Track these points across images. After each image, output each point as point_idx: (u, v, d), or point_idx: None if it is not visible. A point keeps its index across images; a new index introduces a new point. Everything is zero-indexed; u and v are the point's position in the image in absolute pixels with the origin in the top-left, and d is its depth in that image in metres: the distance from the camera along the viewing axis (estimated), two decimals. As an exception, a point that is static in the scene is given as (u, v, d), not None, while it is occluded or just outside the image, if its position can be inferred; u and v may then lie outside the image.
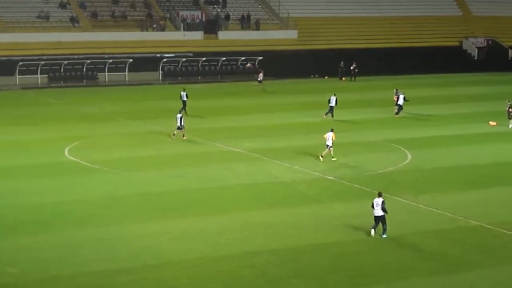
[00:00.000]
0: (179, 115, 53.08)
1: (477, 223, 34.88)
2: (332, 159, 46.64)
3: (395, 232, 33.42)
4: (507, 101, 59.92)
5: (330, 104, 61.64)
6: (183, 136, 52.66)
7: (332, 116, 61.21)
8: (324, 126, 57.92)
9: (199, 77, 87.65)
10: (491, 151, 50.73)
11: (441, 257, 30.60)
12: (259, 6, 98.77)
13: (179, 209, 36.78)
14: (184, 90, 64.07)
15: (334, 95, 62.25)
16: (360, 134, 55.74)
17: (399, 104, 62.86)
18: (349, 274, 28.88)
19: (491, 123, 59.32)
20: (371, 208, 33.13)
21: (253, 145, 51.14)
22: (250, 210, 36.59)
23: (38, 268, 28.95)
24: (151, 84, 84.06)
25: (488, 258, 30.54)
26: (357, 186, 41.15)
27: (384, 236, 32.84)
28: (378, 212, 32.91)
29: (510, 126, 58.12)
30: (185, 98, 63.27)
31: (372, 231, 33.04)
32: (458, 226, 34.58)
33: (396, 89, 66.80)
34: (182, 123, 52.54)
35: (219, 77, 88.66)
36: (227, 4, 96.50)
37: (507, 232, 33.58)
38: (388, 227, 33.13)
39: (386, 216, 32.77)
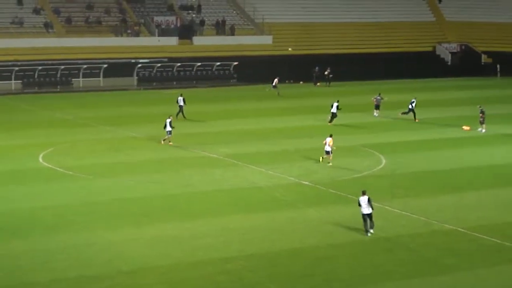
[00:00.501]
0: (168, 120, 52.74)
1: (452, 227, 35.03)
2: (329, 164, 46.94)
3: (370, 236, 33.50)
4: (478, 106, 60.29)
5: (332, 110, 61.85)
6: (170, 141, 52.43)
7: (330, 121, 61.44)
8: (298, 131, 58.13)
9: (174, 83, 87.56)
10: (464, 155, 51.00)
11: (416, 261, 30.70)
12: (234, 12, 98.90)
13: (154, 215, 36.65)
14: (181, 95, 64.57)
15: (337, 101, 62.88)
16: (335, 139, 55.68)
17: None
18: (325, 278, 28.91)
19: (465, 127, 59.67)
20: (358, 207, 33.88)
21: (229, 150, 51.12)
22: (226, 216, 36.54)
23: (12, 275, 28.72)
24: (126, 89, 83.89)
25: (462, 261, 30.67)
26: (332, 191, 41.23)
27: (372, 231, 33.54)
28: (367, 210, 33.59)
29: (481, 130, 58.45)
30: (181, 103, 63.74)
31: (368, 232, 33.56)
32: (432, 230, 34.71)
33: (379, 93, 67.71)
34: (171, 128, 52.21)
35: (194, 82, 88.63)
36: (202, 10, 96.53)
37: (481, 236, 33.74)
38: (363, 231, 33.53)
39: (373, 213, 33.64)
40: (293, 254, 31.25)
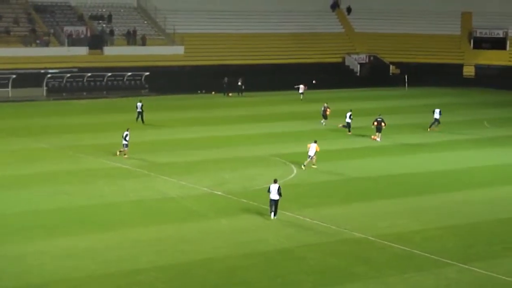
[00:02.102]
0: (125, 132, 52.16)
1: (361, 235, 35.60)
2: (313, 166, 49.20)
3: (281, 245, 33.85)
4: (379, 114, 61.29)
5: (346, 120, 63.17)
6: (125, 154, 51.96)
7: (349, 131, 63.07)
8: (209, 141, 58.21)
9: (84, 93, 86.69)
10: (374, 164, 51.84)
11: (326, 270, 31.10)
12: (145, 22, 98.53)
13: (65, 227, 36.25)
14: (140, 101, 66.89)
15: (350, 110, 64.29)
16: (247, 149, 56.14)
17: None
18: (237, 288, 29.10)
19: (373, 137, 60.62)
20: (267, 193, 37.81)
21: (139, 161, 50.90)
22: (137, 227, 36.38)
23: None
24: (35, 100, 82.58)
25: (372, 270, 31.18)
26: (244, 200, 41.45)
27: (275, 217, 37.40)
28: (275, 196, 37.39)
29: (377, 139, 59.49)
30: (139, 109, 65.95)
31: (272, 215, 37.56)
32: (342, 239, 35.21)
33: (325, 103, 69.09)
34: (127, 141, 51.70)
35: (104, 92, 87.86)
36: (113, 20, 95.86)
37: (390, 244, 34.37)
38: (274, 241, 34.06)
39: (280, 200, 37.41)
40: (206, 264, 31.32)
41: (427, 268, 31.44)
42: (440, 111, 64.53)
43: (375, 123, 60.10)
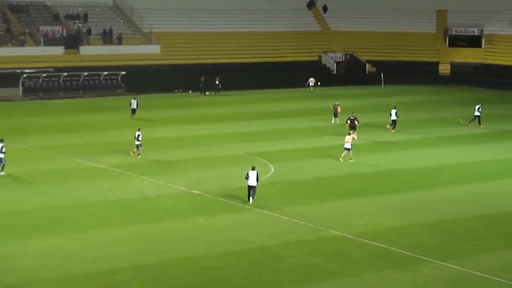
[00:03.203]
0: (137, 133, 52.09)
1: (339, 233, 35.74)
2: (350, 160, 51.15)
3: (259, 244, 33.93)
4: (352, 113, 61.55)
5: (392, 118, 64.21)
6: (138, 154, 51.94)
7: (393, 128, 63.77)
8: (187, 140, 58.18)
9: (61, 93, 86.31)
10: (350, 162, 51.97)
11: (304, 268, 31.21)
12: (121, 21, 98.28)
13: (41, 227, 36.13)
14: (134, 98, 69.28)
15: (395, 107, 65.20)
16: (223, 147, 56.18)
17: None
18: (215, 287, 29.11)
19: (350, 135, 60.62)
20: (244, 180, 40.35)
21: (116, 160, 50.82)
22: (115, 227, 36.34)
23: None
24: (11, 100, 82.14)
25: (349, 267, 31.32)
26: (221, 199, 41.49)
27: (253, 201, 39.94)
28: (253, 183, 39.96)
29: (354, 137, 59.74)
30: (134, 106, 68.41)
31: (250, 199, 40.13)
32: (320, 236, 35.34)
33: (336, 101, 69.41)
34: (139, 141, 51.68)
35: (81, 92, 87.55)
36: (89, 19, 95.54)
37: (367, 241, 34.54)
38: (251, 240, 34.22)
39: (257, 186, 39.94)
40: (183, 264, 31.35)
41: (404, 265, 31.64)
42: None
43: (349, 121, 60.35)
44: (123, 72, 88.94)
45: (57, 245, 33.40)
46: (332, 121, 67.93)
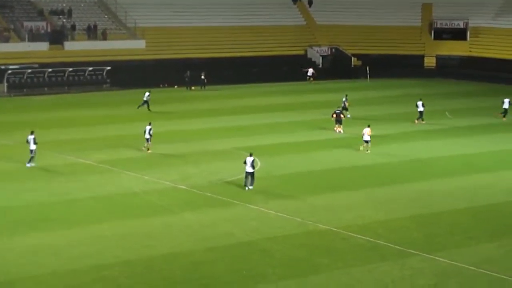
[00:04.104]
0: (148, 127, 52.10)
1: (326, 227, 35.79)
2: (367, 152, 52.13)
3: (246, 238, 33.96)
4: (337, 106, 61.56)
5: (418, 110, 65.21)
6: (148, 149, 51.99)
7: (423, 120, 65.06)
8: (173, 136, 58.07)
9: (46, 88, 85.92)
10: (337, 156, 52.10)
11: (291, 262, 31.25)
12: (106, 16, 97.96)
13: (28, 224, 36.03)
14: (148, 91, 71.18)
15: (420, 99, 65.91)
16: (210, 142, 56.13)
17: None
18: (202, 282, 29.10)
19: (335, 129, 60.66)
20: (243, 165, 41.79)
21: (103, 156, 50.70)
22: (102, 223, 36.28)
23: None
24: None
25: (336, 261, 31.38)
26: (208, 194, 41.47)
27: (251, 187, 41.57)
28: (250, 169, 41.45)
29: (340, 130, 59.80)
30: (146, 98, 70.01)
31: (246, 188, 41.63)
32: (307, 231, 35.39)
33: (346, 95, 69.15)
34: (150, 135, 51.77)
35: (66, 88, 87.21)
36: (73, 14, 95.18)
37: (354, 235, 34.62)
38: (239, 235, 34.24)
39: (255, 172, 41.68)
40: (170, 259, 31.33)
41: (391, 258, 31.72)
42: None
43: (334, 115, 60.40)
44: (108, 68, 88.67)
45: (44, 241, 33.32)
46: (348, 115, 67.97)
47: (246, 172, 41.91)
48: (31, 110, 72.00)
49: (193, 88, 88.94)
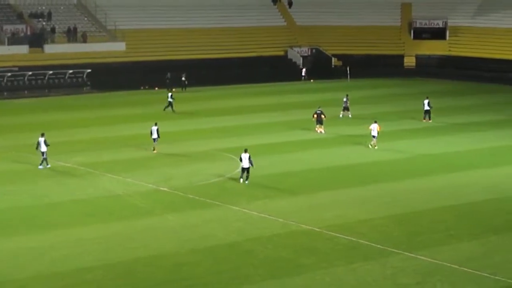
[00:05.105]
0: (154, 127, 52.25)
1: (308, 227, 35.84)
2: (375, 147, 53.58)
3: (229, 239, 33.95)
4: (318, 107, 61.66)
5: (424, 108, 65.91)
6: (154, 149, 52.18)
7: (429, 119, 65.66)
8: (148, 138, 57.90)
9: (26, 92, 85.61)
10: (318, 156, 52.17)
11: (275, 262, 31.27)
12: (86, 19, 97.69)
13: (9, 227, 35.89)
14: (170, 92, 74.19)
15: (427, 97, 66.47)
16: (192, 144, 56.08)
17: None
18: (185, 284, 29.09)
19: (316, 129, 60.74)
20: (239, 162, 43.49)
21: (84, 159, 50.55)
22: (83, 225, 36.18)
23: None
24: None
25: (319, 261, 31.43)
26: (190, 196, 41.44)
27: (247, 182, 43.24)
28: (246, 164, 43.13)
29: (322, 131, 59.90)
30: (170, 99, 71.14)
31: (241, 180, 43.48)
32: (290, 231, 35.42)
33: (346, 95, 69.50)
34: (158, 135, 52.14)
35: (46, 91, 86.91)
36: (53, 17, 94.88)
37: (337, 234, 34.68)
38: (221, 236, 34.28)
39: (251, 168, 43.28)
40: (153, 261, 31.28)
41: (374, 257, 31.81)
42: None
43: (315, 115, 60.50)
44: (89, 70, 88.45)
45: (26, 245, 33.20)
46: (341, 115, 67.93)
47: (242, 168, 43.61)
48: (11, 114, 71.66)
49: (173, 90, 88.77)
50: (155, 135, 52.49)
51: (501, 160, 51.16)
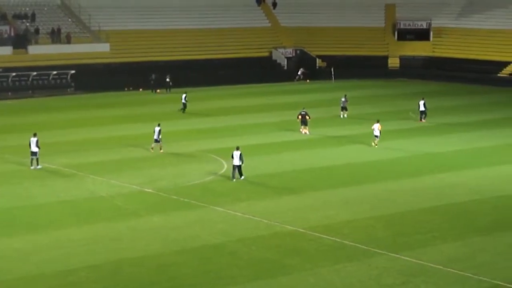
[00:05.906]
0: (157, 128, 52.34)
1: (293, 228, 35.89)
2: (375, 146, 54.59)
3: (214, 241, 33.96)
4: (303, 108, 61.80)
5: (420, 109, 66.29)
6: (160, 149, 52.36)
7: (424, 119, 66.22)
8: (139, 139, 57.88)
9: (9, 93, 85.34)
10: (303, 157, 52.22)
11: (259, 263, 31.31)
12: (69, 20, 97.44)
13: (-7, 229, 35.82)
14: (185, 93, 72.71)
15: (423, 98, 67.38)
16: (176, 145, 56.04)
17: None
18: (171, 285, 29.09)
19: (301, 130, 60.81)
20: (230, 159, 44.28)
21: (68, 160, 50.44)
22: (67, 227, 36.10)
23: None
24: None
25: (304, 261, 31.48)
26: (175, 197, 41.42)
27: (242, 178, 44.29)
28: (237, 162, 44.02)
29: (306, 132, 59.98)
30: (184, 101, 71.12)
31: (234, 179, 44.22)
32: (274, 232, 35.46)
33: (345, 95, 69.92)
34: (160, 136, 52.24)
35: (30, 92, 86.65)
36: (36, 18, 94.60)
37: (321, 235, 34.75)
38: (206, 237, 34.31)
39: (242, 166, 44.17)
40: (137, 262, 31.26)
41: (358, 258, 31.89)
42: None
43: (300, 116, 60.60)
44: (73, 71, 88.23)
45: (10, 246, 33.12)
46: (341, 115, 68.07)
47: (233, 165, 44.34)
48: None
49: (158, 91, 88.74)
50: (156, 136, 52.42)
51: (486, 161, 51.37)
